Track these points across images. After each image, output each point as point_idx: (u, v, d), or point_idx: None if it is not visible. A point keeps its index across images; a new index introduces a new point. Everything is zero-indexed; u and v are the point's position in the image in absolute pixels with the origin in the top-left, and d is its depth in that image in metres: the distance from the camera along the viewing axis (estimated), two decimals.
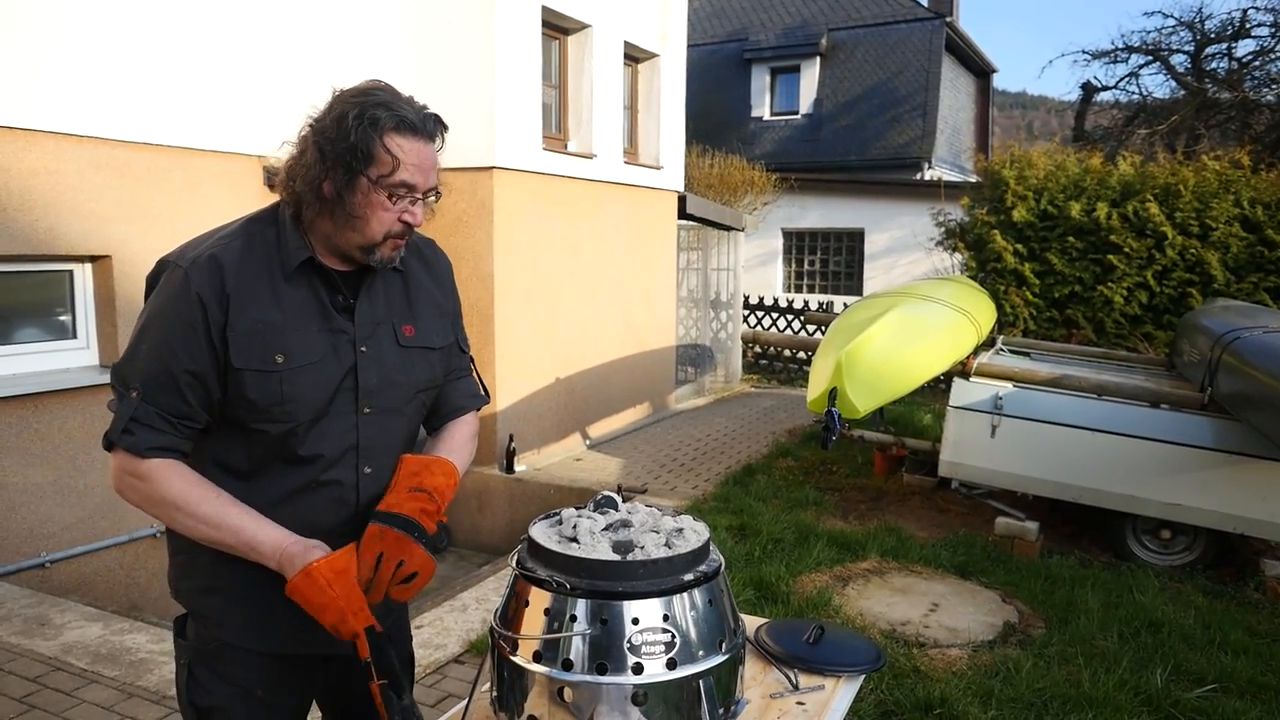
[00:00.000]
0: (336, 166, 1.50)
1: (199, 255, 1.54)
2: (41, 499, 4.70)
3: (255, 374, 1.52)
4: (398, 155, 1.50)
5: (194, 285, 1.51)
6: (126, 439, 1.50)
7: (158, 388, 1.51)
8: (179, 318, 1.51)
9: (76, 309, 5.00)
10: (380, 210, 1.53)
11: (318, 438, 1.59)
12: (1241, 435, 5.11)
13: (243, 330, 1.52)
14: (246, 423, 1.56)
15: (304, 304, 1.57)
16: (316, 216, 1.56)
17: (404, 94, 1.56)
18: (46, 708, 3.25)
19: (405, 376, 1.67)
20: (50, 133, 4.63)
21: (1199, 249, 8.69)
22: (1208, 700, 3.74)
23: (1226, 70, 15.92)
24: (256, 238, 1.59)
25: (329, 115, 1.52)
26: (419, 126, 1.52)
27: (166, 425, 1.51)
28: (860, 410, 4.97)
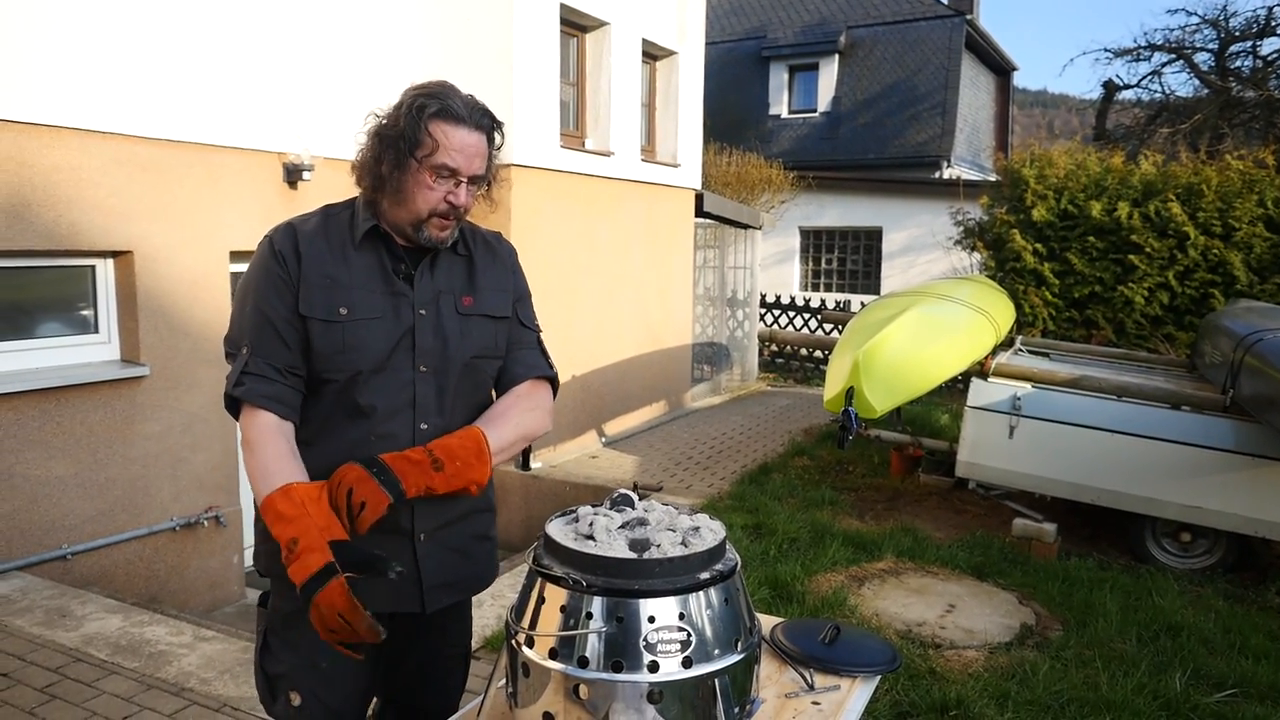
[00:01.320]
0: (389, 148, 1.69)
1: (283, 225, 1.78)
2: (63, 492, 4.75)
3: (320, 323, 1.69)
4: (439, 139, 1.67)
5: (275, 245, 1.74)
6: (240, 389, 1.66)
7: (264, 339, 1.69)
8: (268, 273, 1.72)
9: (98, 304, 5.05)
10: (425, 189, 1.70)
11: (377, 390, 1.72)
12: (1263, 438, 5.06)
13: (312, 283, 1.70)
14: (315, 373, 1.72)
15: (369, 268, 1.75)
16: (376, 193, 1.74)
17: (464, 93, 1.75)
18: (67, 698, 3.28)
19: (460, 340, 1.80)
20: (74, 129, 4.68)
21: (1221, 249, 8.60)
22: (1227, 705, 3.71)
23: (1251, 69, 15.73)
24: (333, 218, 1.81)
25: (392, 108, 1.73)
26: (463, 116, 1.70)
27: (276, 375, 1.68)
28: (877, 410, 4.95)
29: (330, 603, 1.50)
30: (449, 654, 1.96)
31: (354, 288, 1.73)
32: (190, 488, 5.36)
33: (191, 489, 5.36)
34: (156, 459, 5.17)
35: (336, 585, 1.51)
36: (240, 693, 3.36)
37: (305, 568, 1.51)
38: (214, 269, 5.43)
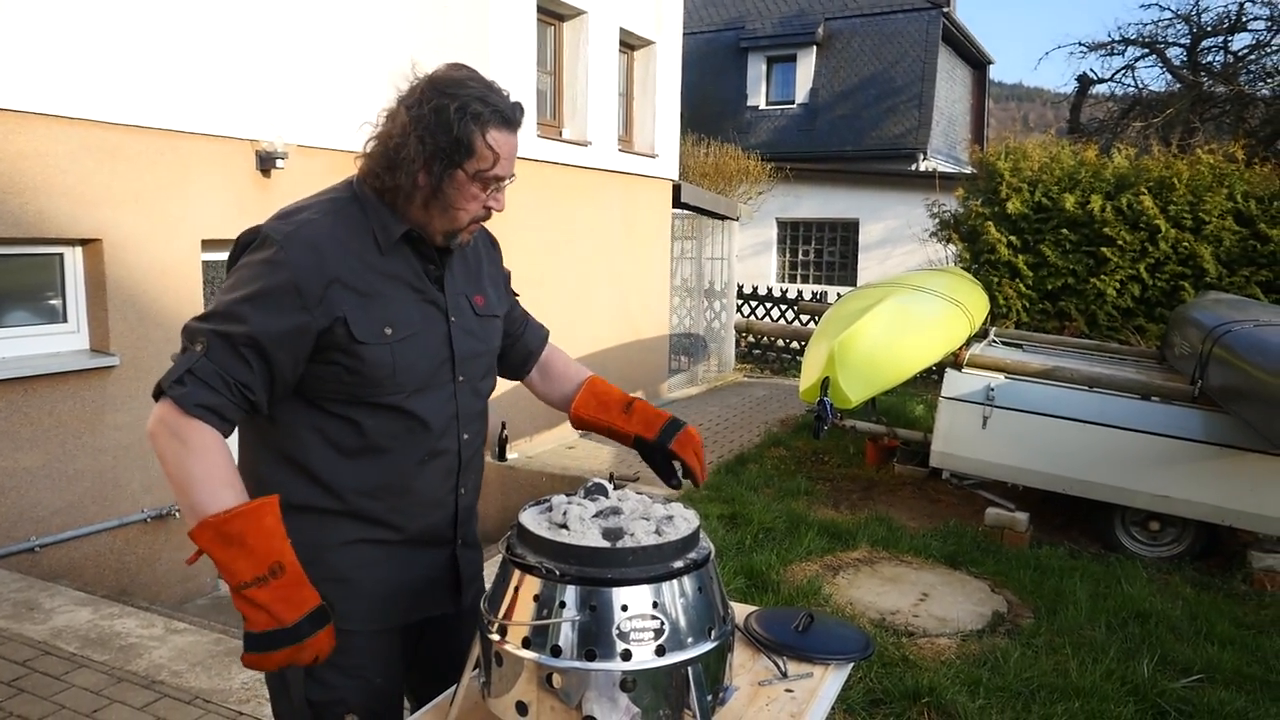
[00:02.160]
0: (435, 158, 1.53)
1: (293, 232, 1.54)
2: (31, 483, 4.69)
3: (372, 347, 1.55)
4: (497, 150, 1.55)
5: (289, 263, 1.51)
6: (177, 389, 1.46)
7: (224, 348, 1.48)
8: (264, 291, 1.50)
9: (67, 292, 4.97)
10: (471, 199, 1.59)
11: (427, 408, 1.64)
12: (1231, 428, 5.14)
13: (354, 306, 1.54)
14: (360, 399, 1.58)
15: (400, 276, 1.62)
16: (406, 202, 1.59)
17: (489, 80, 1.59)
18: (35, 691, 3.24)
19: (485, 345, 1.76)
20: (41, 115, 4.60)
21: (1192, 242, 8.71)
22: (1193, 690, 3.77)
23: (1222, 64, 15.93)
24: (343, 214, 1.60)
25: (426, 105, 1.52)
26: (513, 120, 1.58)
27: (222, 386, 1.47)
28: (852, 400, 4.98)
29: (319, 647, 1.46)
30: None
31: (391, 301, 1.58)
32: (161, 479, 5.27)
33: (162, 480, 5.28)
34: (127, 450, 5.10)
35: (330, 630, 1.48)
36: (212, 685, 3.33)
37: (299, 603, 1.44)
38: (185, 257, 5.37)
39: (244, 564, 1.41)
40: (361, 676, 1.68)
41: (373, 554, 1.66)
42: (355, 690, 1.68)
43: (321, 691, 1.65)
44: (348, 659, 1.64)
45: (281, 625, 1.42)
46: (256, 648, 1.42)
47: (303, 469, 1.61)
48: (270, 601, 1.41)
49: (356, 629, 1.65)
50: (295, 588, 1.44)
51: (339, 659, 1.61)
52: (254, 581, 1.41)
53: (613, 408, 1.91)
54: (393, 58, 6.71)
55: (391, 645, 1.74)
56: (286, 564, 1.44)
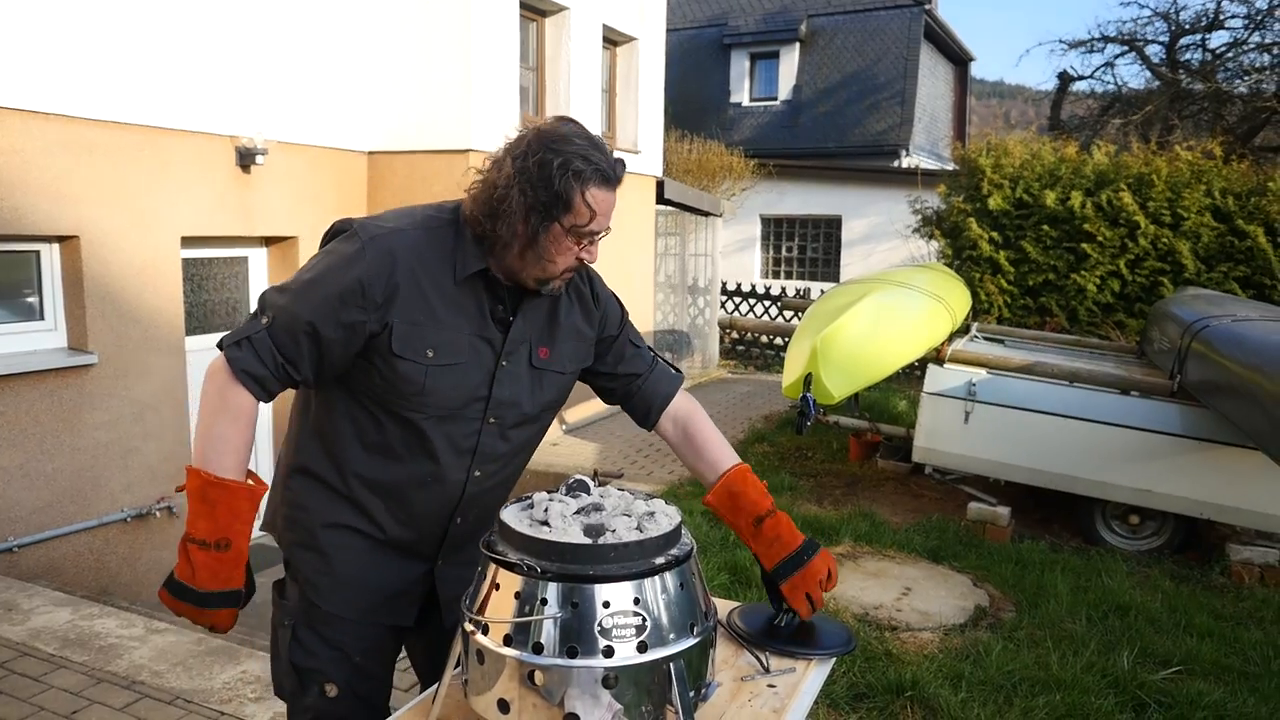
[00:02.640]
0: (534, 210, 1.56)
1: (381, 236, 1.62)
2: (8, 483, 4.64)
3: (407, 362, 1.61)
4: (594, 207, 1.58)
5: (365, 261, 1.59)
6: (234, 351, 1.59)
7: (284, 327, 1.60)
8: (335, 282, 1.59)
9: (44, 290, 4.92)
10: (565, 252, 1.62)
11: (443, 436, 1.68)
12: (1210, 422, 5.19)
13: (405, 320, 1.61)
14: (386, 404, 1.66)
15: (465, 308, 1.66)
16: (504, 249, 1.62)
17: (594, 136, 1.62)
18: (14, 693, 3.21)
19: (532, 396, 1.76)
20: (16, 110, 4.54)
21: (1171, 238, 8.79)
22: (1173, 682, 3.81)
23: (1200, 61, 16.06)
24: (435, 234, 1.66)
25: (531, 158, 1.55)
26: (612, 178, 1.61)
27: (270, 360, 1.60)
28: (835, 396, 5.00)
29: (215, 620, 1.60)
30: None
31: (445, 327, 1.64)
32: (142, 478, 5.25)
33: (143, 479, 5.26)
34: (106, 449, 5.06)
35: (232, 613, 1.61)
36: (193, 685, 3.31)
37: (223, 579, 1.57)
38: (164, 254, 5.32)
39: (203, 524, 1.56)
40: (341, 650, 1.76)
41: (354, 541, 1.74)
42: (334, 662, 1.76)
43: (304, 657, 1.76)
44: (330, 631, 1.76)
45: (200, 588, 1.56)
46: (170, 589, 1.59)
47: (327, 445, 1.73)
48: (201, 565, 1.56)
49: (321, 605, 1.75)
50: (229, 566, 1.58)
51: (321, 629, 1.76)
52: (199, 542, 1.56)
53: (742, 517, 1.80)
54: (374, 54, 6.67)
55: (372, 633, 1.79)
56: (235, 544, 1.58)
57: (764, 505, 1.80)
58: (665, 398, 1.95)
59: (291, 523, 1.78)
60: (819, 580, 1.74)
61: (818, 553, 1.77)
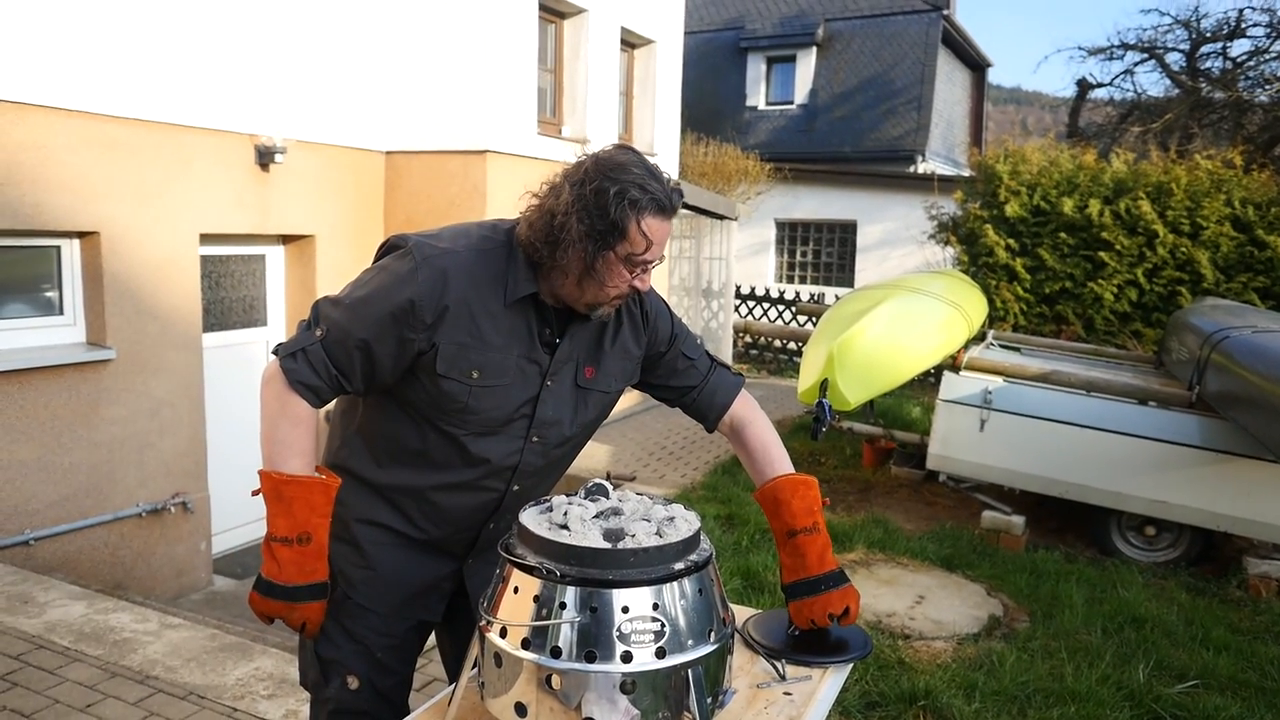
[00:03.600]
0: (590, 238, 1.57)
1: (435, 256, 1.63)
2: (26, 476, 4.67)
3: (450, 381, 1.65)
4: (650, 237, 1.59)
5: (417, 283, 1.61)
6: (289, 362, 1.65)
7: (337, 341, 1.64)
8: (387, 300, 1.62)
9: (64, 285, 4.96)
10: (618, 278, 1.63)
11: (487, 450, 1.72)
12: (1228, 434, 5.14)
13: (452, 340, 1.63)
14: (430, 417, 1.69)
15: (514, 330, 1.68)
16: (559, 275, 1.64)
17: (652, 164, 1.62)
18: (29, 686, 3.23)
19: (575, 415, 1.78)
20: (40, 106, 4.58)
21: (1189, 248, 8.72)
22: (1189, 696, 3.78)
23: (1221, 70, 15.93)
24: (489, 255, 1.67)
25: (588, 186, 1.56)
26: (668, 208, 1.60)
27: (324, 372, 1.65)
28: (851, 402, 4.98)
29: (308, 615, 1.66)
30: None
31: (491, 349, 1.66)
32: (157, 473, 5.28)
33: (158, 475, 5.29)
34: (122, 444, 5.09)
35: (321, 606, 1.68)
36: (207, 680, 3.32)
37: (308, 571, 1.64)
38: (183, 251, 5.35)
39: (282, 521, 1.62)
40: (364, 644, 1.79)
41: (387, 538, 1.79)
42: (357, 656, 1.79)
43: (328, 648, 1.80)
44: (354, 624, 1.79)
45: (287, 583, 1.62)
46: (259, 589, 1.64)
47: (370, 446, 1.77)
48: (287, 560, 1.62)
49: (357, 600, 1.79)
50: (312, 559, 1.64)
51: (346, 622, 1.79)
52: (282, 539, 1.62)
53: (779, 525, 1.81)
54: (392, 54, 6.70)
55: (397, 629, 1.82)
56: (315, 537, 1.64)
57: (802, 521, 1.79)
58: (722, 407, 1.97)
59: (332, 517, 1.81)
60: (828, 613, 1.74)
61: (838, 587, 1.75)
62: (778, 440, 1.94)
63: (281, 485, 1.62)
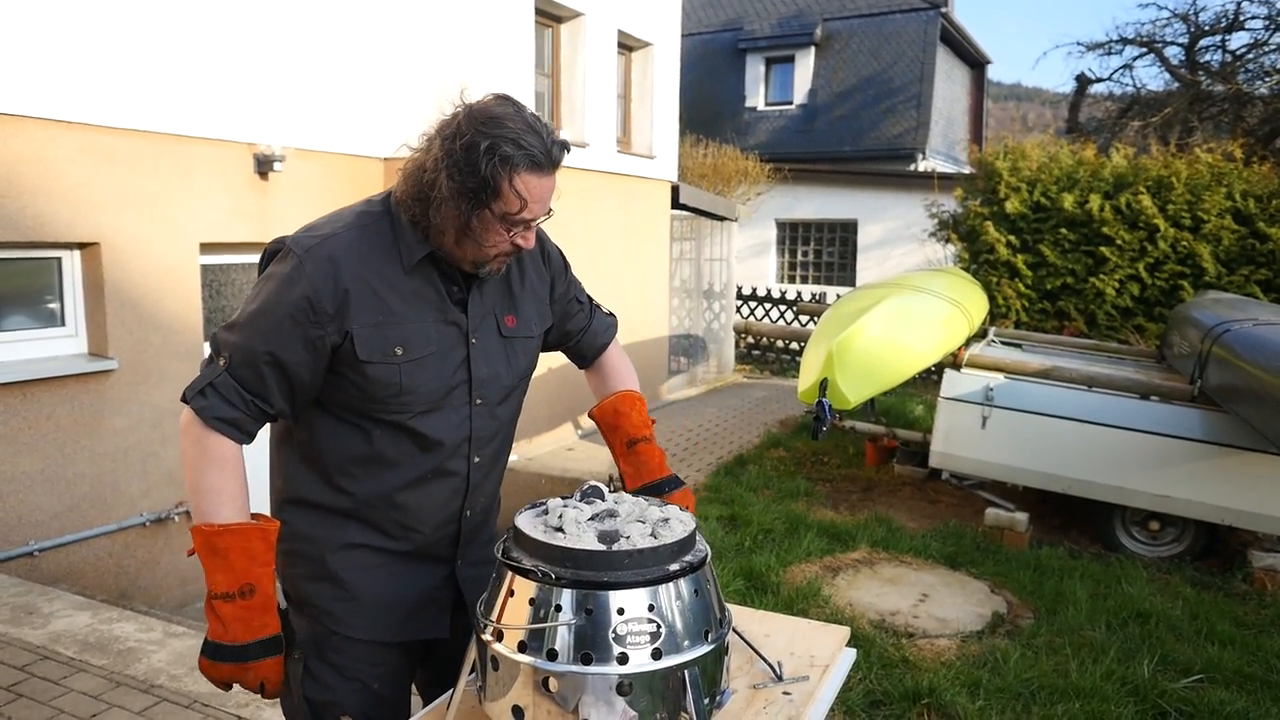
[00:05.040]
0: (464, 196, 1.51)
1: (315, 246, 1.56)
2: (30, 487, 4.68)
3: (376, 365, 1.57)
4: (524, 195, 1.51)
5: (305, 277, 1.53)
6: (199, 401, 1.55)
7: (243, 363, 1.55)
8: (281, 304, 1.54)
9: (65, 296, 4.97)
10: (496, 236, 1.56)
11: (436, 428, 1.64)
12: (1231, 427, 5.13)
13: (365, 324, 1.56)
14: (367, 413, 1.61)
15: (421, 296, 1.61)
16: (437, 234, 1.58)
17: (531, 116, 1.54)
18: (34, 696, 3.24)
19: (508, 366, 1.73)
20: (39, 119, 4.59)
21: (1191, 241, 8.71)
22: (1194, 691, 3.77)
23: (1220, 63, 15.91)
24: (370, 230, 1.61)
25: (459, 140, 1.49)
26: (545, 163, 1.52)
27: (239, 401, 1.55)
28: (851, 401, 4.98)
29: (263, 674, 1.56)
30: None
31: (407, 320, 1.59)
32: (160, 483, 5.29)
33: (162, 484, 5.30)
34: (126, 454, 5.10)
35: (278, 661, 1.58)
36: (211, 689, 3.33)
37: (255, 627, 1.54)
38: (184, 261, 5.36)
39: (221, 576, 1.52)
40: (358, 679, 1.70)
41: (371, 560, 1.69)
42: (352, 693, 1.69)
43: (318, 690, 1.69)
44: (344, 660, 1.69)
45: (234, 642, 1.53)
46: (206, 653, 1.55)
47: (319, 468, 1.66)
48: (231, 617, 1.52)
49: (349, 635, 1.69)
50: (258, 612, 1.54)
51: (334, 658, 1.68)
52: (223, 595, 1.52)
53: (619, 436, 1.89)
54: (390, 61, 6.71)
55: (391, 656, 1.73)
56: (258, 588, 1.53)
57: (641, 431, 1.88)
58: (602, 347, 2.00)
59: (294, 556, 1.70)
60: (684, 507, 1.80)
61: (680, 488, 1.84)
62: (631, 368, 2.01)
63: (214, 537, 1.51)
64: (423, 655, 1.81)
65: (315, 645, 1.69)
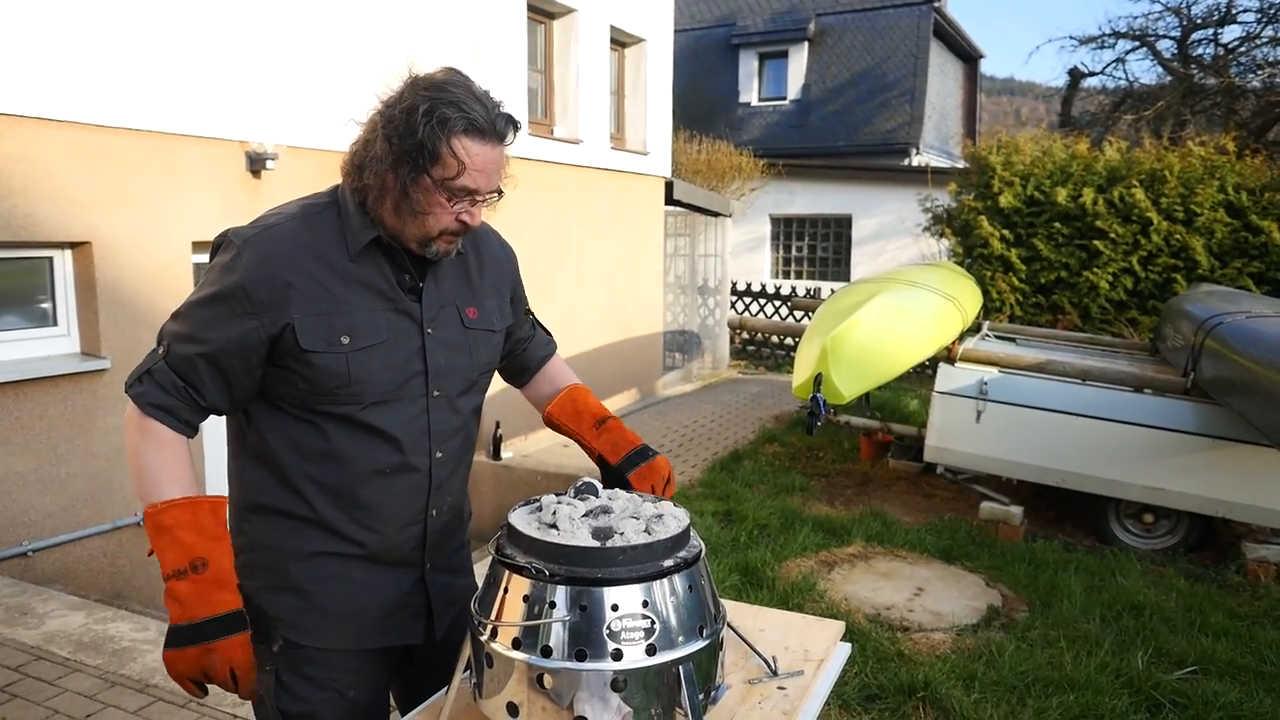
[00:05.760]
0: (402, 161, 1.48)
1: (255, 236, 1.54)
2: (23, 488, 4.67)
3: (322, 355, 1.52)
4: (464, 160, 1.48)
5: (242, 266, 1.51)
6: (136, 388, 1.53)
7: (180, 354, 1.52)
8: (217, 294, 1.52)
9: (57, 296, 4.95)
10: (439, 208, 1.52)
11: (390, 421, 1.59)
12: (1224, 420, 5.15)
13: (308, 313, 1.51)
14: (314, 405, 1.56)
15: (369, 284, 1.57)
16: (378, 204, 1.55)
17: (479, 89, 1.52)
18: (28, 697, 3.23)
19: (469, 358, 1.69)
20: (29, 118, 4.57)
21: (1184, 235, 8.73)
22: (1188, 682, 3.78)
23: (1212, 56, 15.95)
24: (315, 219, 1.58)
25: (399, 104, 1.48)
26: (488, 130, 1.49)
27: (173, 389, 1.52)
28: (845, 395, 4.98)
29: (230, 656, 1.47)
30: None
31: (355, 310, 1.54)
32: None
33: None
34: (119, 453, 5.08)
35: (244, 639, 1.49)
36: None
37: (212, 603, 1.46)
38: (176, 259, 5.35)
39: (170, 554, 1.46)
40: (333, 689, 1.65)
41: (335, 568, 1.63)
42: (327, 703, 1.65)
43: (291, 701, 1.64)
44: (318, 671, 1.64)
45: (191, 620, 1.45)
46: (169, 642, 1.47)
47: (276, 470, 1.60)
48: (186, 595, 1.45)
49: (314, 645, 1.64)
50: (214, 588, 1.47)
51: (307, 670, 1.64)
52: (174, 574, 1.45)
53: (585, 419, 1.87)
54: (382, 57, 6.69)
55: (365, 663, 1.69)
56: (211, 562, 1.47)
57: (604, 412, 1.88)
58: (543, 359, 1.98)
59: (253, 567, 1.63)
60: (664, 476, 1.80)
61: (657, 455, 1.84)
62: (575, 375, 1.99)
63: (158, 515, 1.46)
64: (399, 662, 1.77)
65: (286, 656, 1.64)
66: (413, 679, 1.80)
